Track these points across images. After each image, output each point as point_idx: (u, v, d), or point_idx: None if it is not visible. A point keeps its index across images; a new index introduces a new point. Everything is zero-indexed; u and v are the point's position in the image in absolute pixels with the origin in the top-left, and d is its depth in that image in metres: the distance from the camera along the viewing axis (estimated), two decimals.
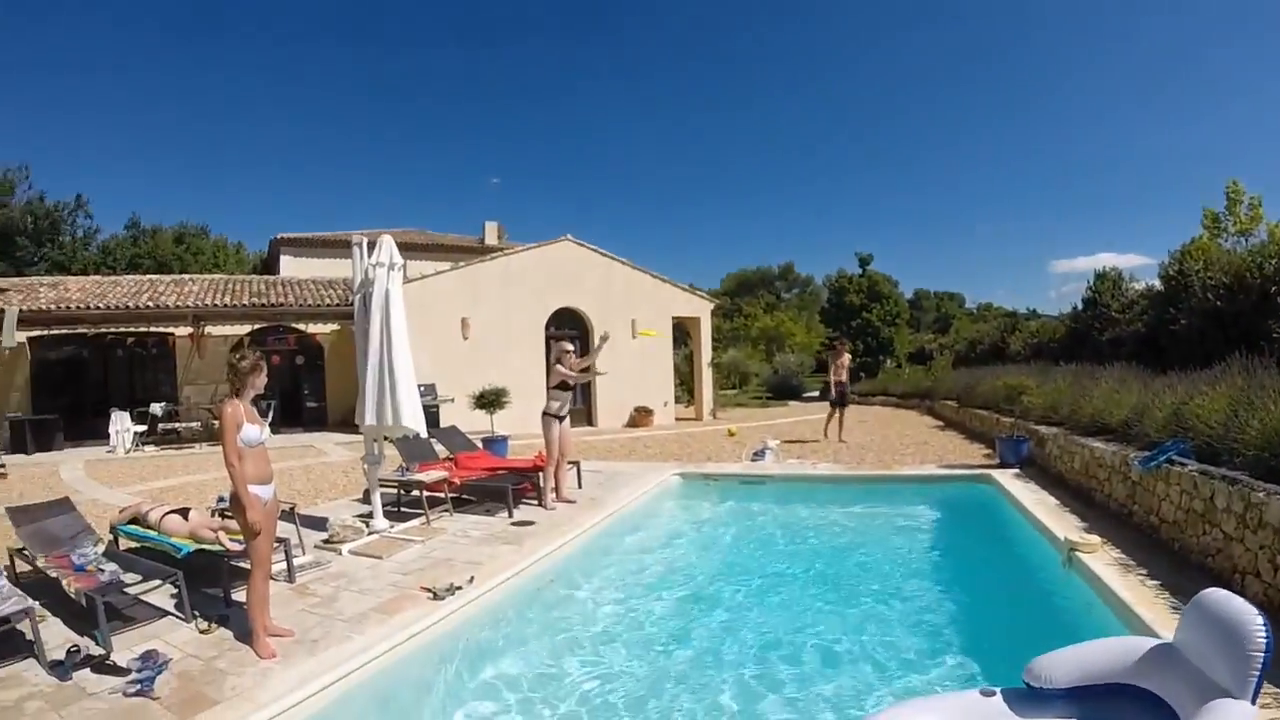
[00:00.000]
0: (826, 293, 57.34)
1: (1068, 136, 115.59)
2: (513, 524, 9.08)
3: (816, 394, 39.15)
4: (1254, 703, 2.87)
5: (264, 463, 5.52)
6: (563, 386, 9.96)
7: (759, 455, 14.05)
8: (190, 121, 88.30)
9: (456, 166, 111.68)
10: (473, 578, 6.78)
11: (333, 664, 5.10)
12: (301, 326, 23.07)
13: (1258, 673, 2.87)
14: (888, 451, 14.69)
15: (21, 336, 19.65)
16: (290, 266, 30.20)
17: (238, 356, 5.62)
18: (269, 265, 33.44)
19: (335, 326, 23.03)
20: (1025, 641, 4.33)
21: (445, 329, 21.25)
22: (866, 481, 11.67)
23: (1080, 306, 19.53)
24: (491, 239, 34.27)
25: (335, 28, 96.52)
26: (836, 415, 17.26)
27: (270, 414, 20.16)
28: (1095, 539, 7.17)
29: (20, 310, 19.63)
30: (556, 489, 10.11)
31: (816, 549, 8.89)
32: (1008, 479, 10.64)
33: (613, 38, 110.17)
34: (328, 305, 23.13)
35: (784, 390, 40.61)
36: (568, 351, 10.09)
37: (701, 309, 27.65)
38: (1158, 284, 15.39)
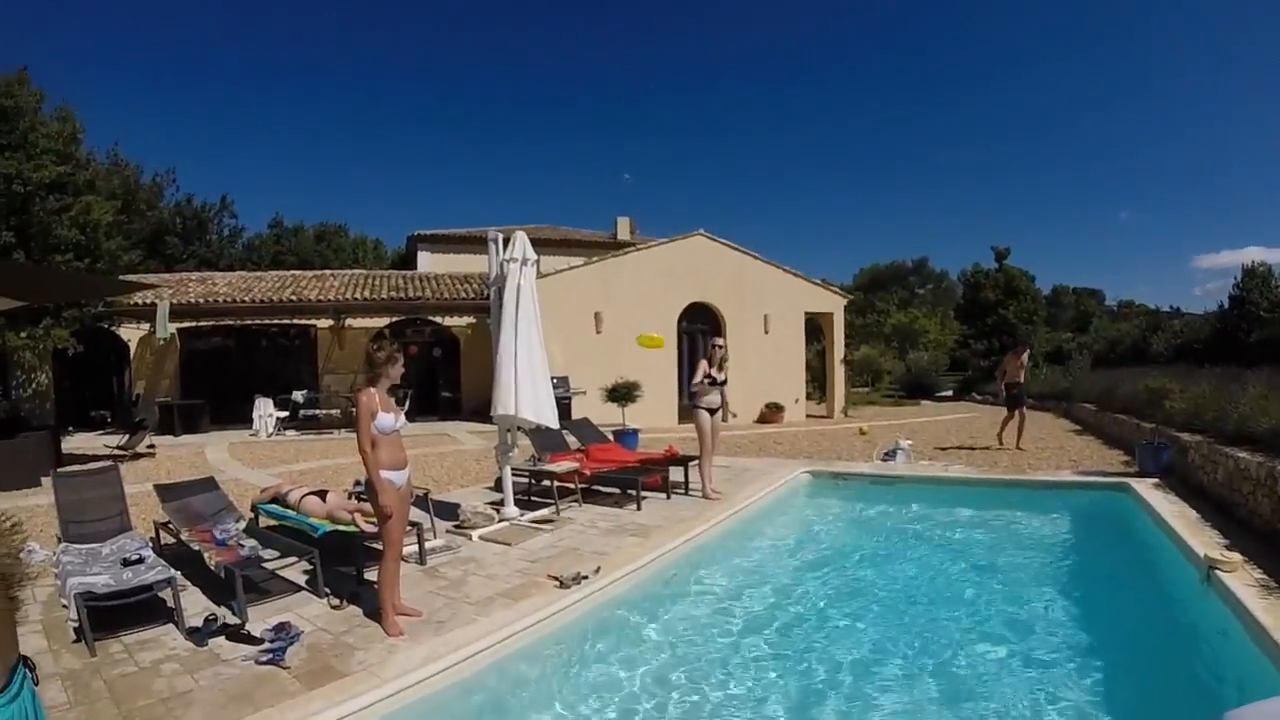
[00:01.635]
0: (961, 288, 55.31)
1: (1211, 119, 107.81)
2: (639, 516, 9.13)
3: (949, 393, 38.30)
4: None
5: (398, 449, 5.68)
6: (710, 381, 9.98)
7: (890, 455, 13.69)
8: (329, 125, 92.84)
9: (588, 163, 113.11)
10: (599, 568, 6.81)
11: (458, 645, 5.21)
12: (438, 319, 23.80)
13: None
14: (1021, 455, 14.11)
15: (172, 328, 21.04)
16: (427, 262, 31.04)
17: (375, 347, 5.82)
18: (406, 261, 34.43)
19: (471, 319, 23.68)
20: (1155, 668, 4.05)
21: (578, 323, 21.53)
22: (1000, 486, 11.17)
23: (1226, 305, 18.44)
24: (624, 234, 34.40)
25: (470, 27, 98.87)
26: (1015, 419, 16.04)
27: (406, 403, 20.85)
28: (1236, 557, 6.61)
29: (171, 304, 21.00)
30: (701, 481, 10.13)
31: (945, 555, 8.55)
32: (1146, 489, 9.97)
33: (747, 37, 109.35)
34: (463, 299, 23.78)
35: (916, 389, 39.41)
36: (719, 347, 10.11)
37: (834, 304, 27.14)
38: None
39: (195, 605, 6.12)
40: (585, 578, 6.53)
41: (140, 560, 6.30)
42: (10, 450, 12.29)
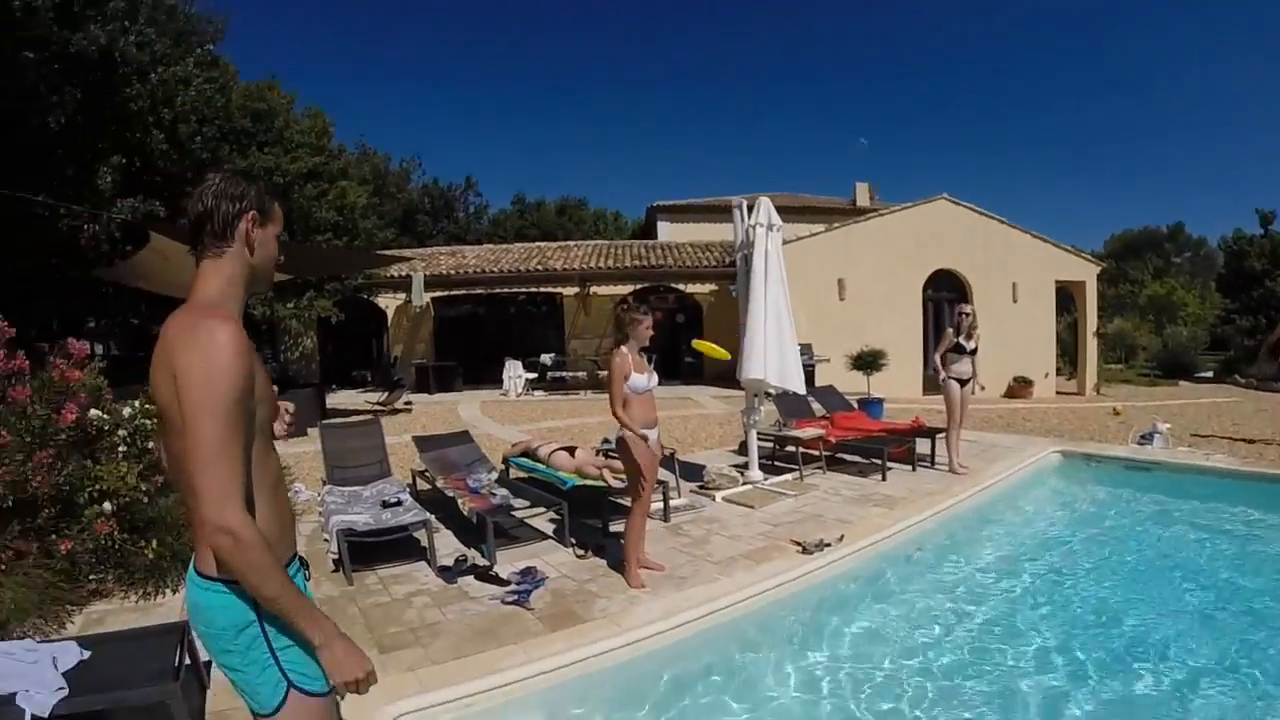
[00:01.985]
0: (1222, 257, 49.46)
1: None
2: (884, 487, 8.76)
3: (1209, 374, 33.83)
4: None
5: (649, 408, 5.69)
6: (957, 349, 9.46)
7: (1146, 439, 12.46)
8: (567, 103, 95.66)
9: (823, 129, 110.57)
10: (842, 536, 6.55)
11: (698, 601, 5.16)
12: (680, 286, 24.00)
13: None
14: None
15: (427, 297, 22.28)
16: (667, 232, 31.28)
17: (623, 308, 5.81)
18: (646, 232, 34.93)
19: (713, 286, 23.67)
20: None
21: (820, 290, 21.03)
22: (1272, 481, 9.80)
23: None
24: (863, 200, 33.24)
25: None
26: None
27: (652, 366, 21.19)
28: None
29: (425, 275, 22.23)
30: (949, 454, 9.63)
31: (1200, 553, 7.50)
32: None
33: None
34: (705, 267, 23.81)
35: (1174, 368, 35.10)
36: (965, 314, 9.55)
37: (1086, 272, 24.85)
38: None
39: (446, 547, 6.38)
40: (828, 545, 6.29)
41: (398, 503, 6.67)
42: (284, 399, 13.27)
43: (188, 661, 3.87)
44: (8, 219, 11.36)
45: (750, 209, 8.75)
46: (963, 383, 9.43)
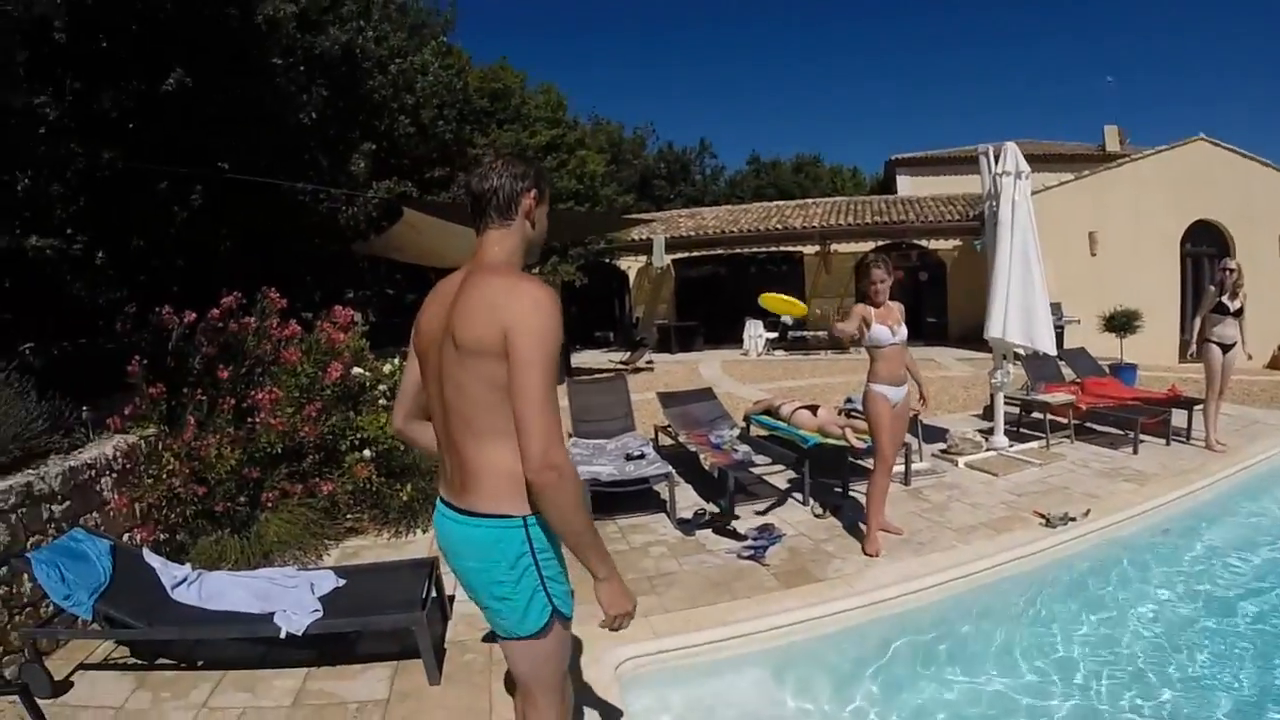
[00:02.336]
0: None
1: None
2: (1135, 460, 8.25)
3: None
4: None
5: (896, 364, 5.53)
6: (1220, 309, 8.68)
7: None
8: (798, 59, 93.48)
9: (1065, 69, 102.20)
10: (1089, 511, 6.23)
11: (936, 568, 5.11)
12: (923, 243, 23.22)
13: None
14: None
15: (668, 259, 22.62)
16: (907, 186, 30.17)
17: (867, 261, 5.76)
18: (885, 186, 33.94)
19: (956, 242, 22.70)
20: None
21: (1068, 244, 19.53)
22: None
23: None
24: (1112, 144, 30.31)
25: None
26: None
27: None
28: None
29: (666, 238, 22.59)
30: (1205, 428, 8.91)
31: None
32: None
33: None
34: (948, 221, 22.89)
35: None
36: (1229, 270, 8.74)
37: None
38: None
39: (686, 500, 6.59)
40: (1073, 519, 6.01)
41: (642, 456, 6.97)
42: None
43: (434, 594, 4.25)
44: (274, 206, 12.63)
45: (996, 157, 8.38)
46: (1225, 348, 8.61)
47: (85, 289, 14.37)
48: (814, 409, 7.85)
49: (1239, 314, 8.59)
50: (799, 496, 6.72)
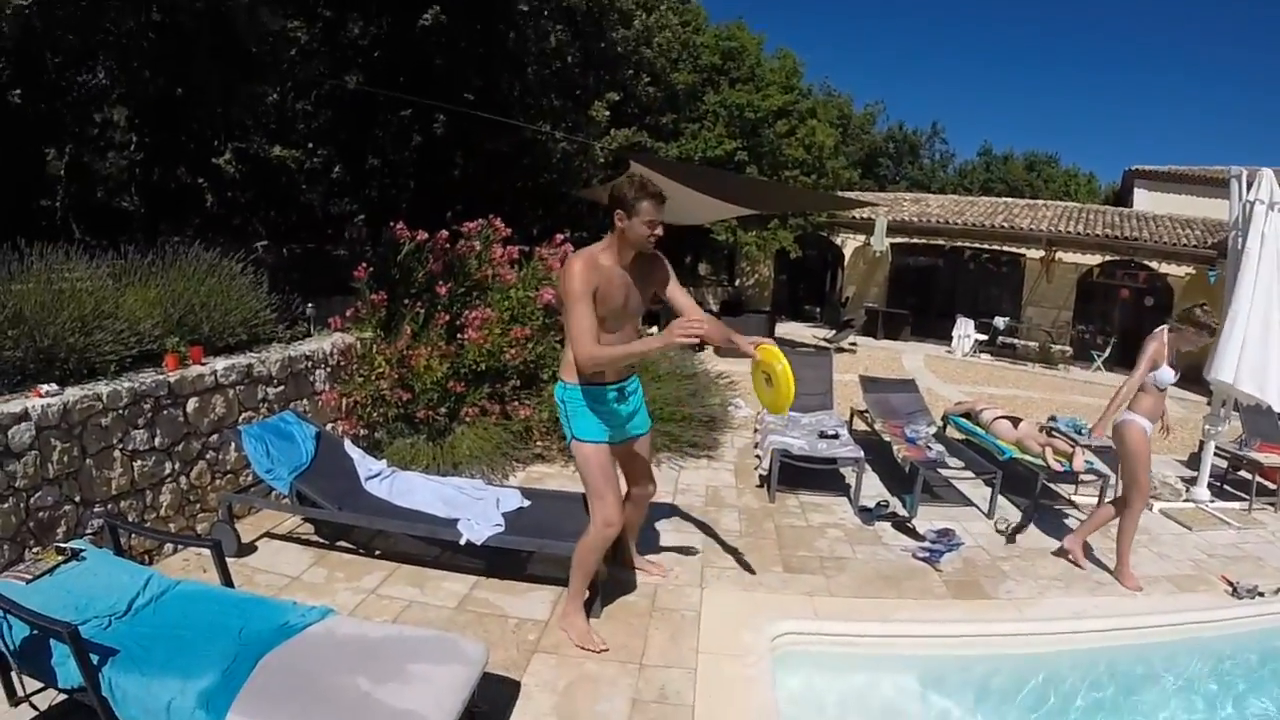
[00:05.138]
0: None
1: None
2: None
3: None
4: None
5: (1161, 402, 5.35)
6: None
7: None
8: (1043, 54, 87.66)
9: None
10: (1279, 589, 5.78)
11: (1110, 612, 4.81)
12: (1153, 264, 21.55)
13: None
14: None
15: (887, 243, 21.98)
16: (1144, 200, 27.95)
17: (1201, 310, 5.45)
18: (1121, 197, 31.63)
19: (1189, 269, 20.84)
20: None
21: None
22: None
23: None
24: None
25: None
26: None
27: (1108, 350, 19.65)
28: None
29: (888, 221, 21.90)
30: None
31: None
32: None
33: None
34: (1184, 245, 21.10)
35: None
36: None
37: None
38: None
39: (870, 489, 6.45)
40: (1261, 595, 5.52)
41: (835, 436, 6.86)
42: (736, 325, 14.08)
43: None
44: (512, 141, 13.10)
45: (1249, 183, 7.68)
46: None
47: (320, 199, 15.41)
48: (1016, 421, 7.50)
49: None
50: (985, 507, 6.43)
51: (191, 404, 4.58)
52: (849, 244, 23.72)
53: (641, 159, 11.77)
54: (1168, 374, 5.19)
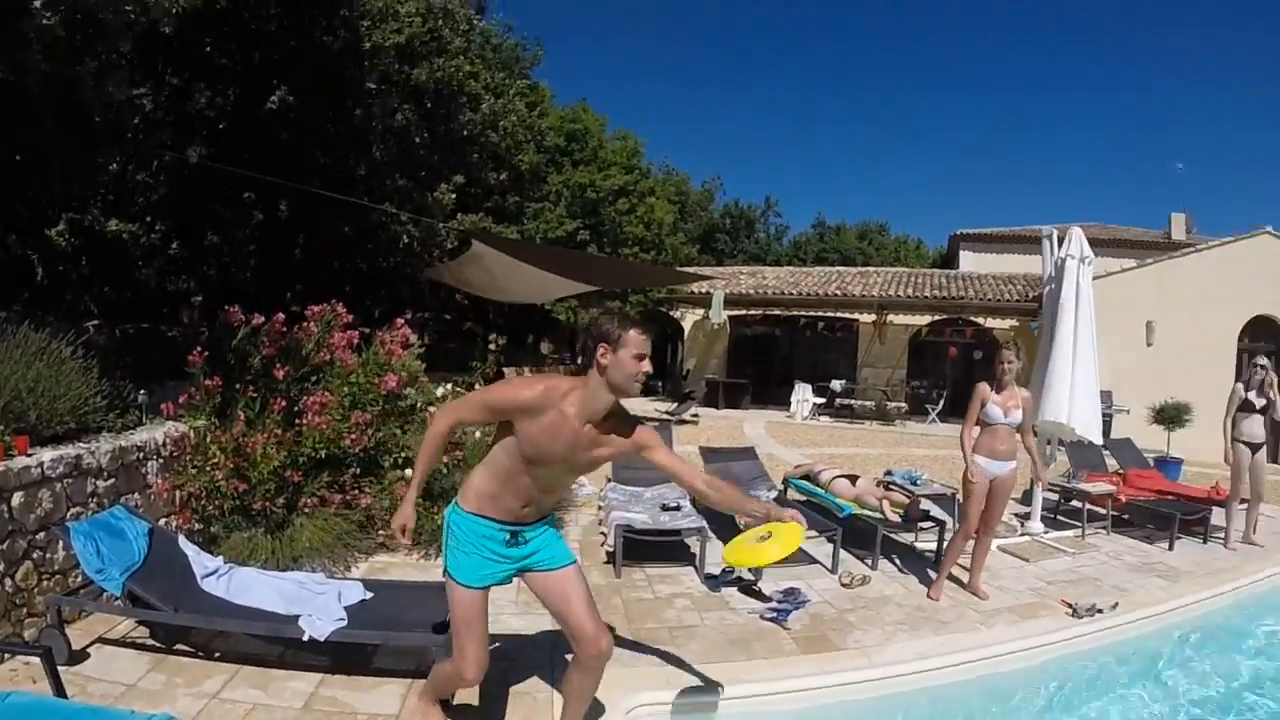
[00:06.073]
0: None
1: None
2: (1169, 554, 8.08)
3: None
4: None
5: (999, 441, 5.96)
6: (1247, 407, 8.51)
7: None
8: (869, 125, 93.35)
9: (1135, 155, 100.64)
10: (1116, 604, 6.08)
11: (956, 648, 5.04)
12: (980, 320, 22.96)
13: None
14: None
15: (725, 315, 22.63)
16: (969, 262, 30.04)
17: (1003, 342, 6.32)
18: (948, 260, 33.68)
19: (1013, 322, 22.38)
20: None
21: (1126, 332, 19.24)
22: None
23: None
24: (1178, 233, 29.83)
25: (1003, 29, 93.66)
26: None
27: (941, 403, 20.69)
28: None
29: (725, 293, 22.66)
30: (1244, 528, 8.73)
31: None
32: None
33: None
34: (1006, 301, 22.67)
35: None
36: (1261, 367, 8.57)
37: None
38: None
39: (715, 556, 6.44)
40: (1100, 611, 5.87)
41: (677, 508, 6.99)
42: None
43: None
44: (355, 223, 12.96)
45: (1060, 240, 8.42)
46: (1254, 447, 8.47)
47: (156, 275, 14.80)
48: (853, 479, 7.83)
49: (1264, 411, 8.39)
50: (828, 563, 6.62)
51: (16, 498, 4.24)
52: (688, 318, 24.41)
53: (483, 238, 11.85)
54: (993, 411, 5.82)
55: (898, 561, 6.99)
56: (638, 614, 5.34)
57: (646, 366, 3.05)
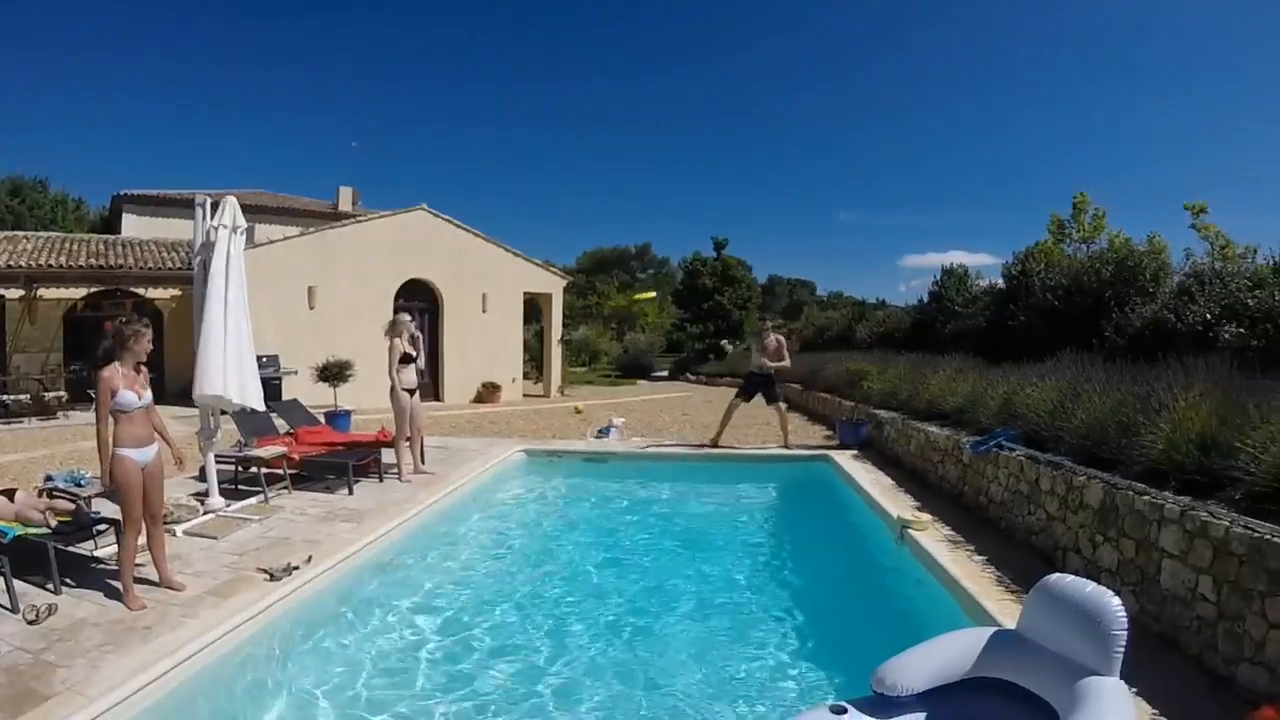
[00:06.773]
0: (681, 274, 58.47)
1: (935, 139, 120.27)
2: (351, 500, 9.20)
3: (665, 374, 41.97)
4: (1119, 676, 3.18)
5: (139, 427, 5.79)
6: (406, 359, 10.09)
7: (604, 433, 14.49)
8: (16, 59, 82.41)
9: (316, 129, 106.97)
10: (310, 557, 6.71)
11: (168, 651, 4.89)
12: (141, 291, 21.99)
13: (1122, 649, 3.17)
14: (730, 431, 13.56)
15: None
16: (134, 226, 28.47)
17: (123, 321, 5.97)
18: (110, 224, 31.35)
19: (177, 292, 22.09)
20: (862, 620, 4.58)
21: (291, 297, 20.79)
22: (708, 460, 12.12)
23: (926, 299, 20.40)
24: (345, 205, 32.73)
25: None
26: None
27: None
28: (926, 517, 7.76)
29: None
30: (413, 461, 10.40)
31: (655, 527, 9.27)
32: (846, 460, 11.33)
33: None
34: (170, 269, 22.17)
35: (634, 369, 42.48)
36: (405, 321, 10.59)
37: (554, 285, 28.27)
38: (1001, 282, 16.25)
39: None
40: (296, 568, 6.41)
41: None
42: None
43: None
44: None
45: (215, 207, 8.45)
46: (411, 392, 10.20)
47: None
48: (10, 494, 6.71)
49: (414, 360, 10.29)
50: (6, 603, 5.72)
51: None
52: None
53: None
54: (127, 397, 5.69)
55: (83, 578, 6.33)
56: None
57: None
